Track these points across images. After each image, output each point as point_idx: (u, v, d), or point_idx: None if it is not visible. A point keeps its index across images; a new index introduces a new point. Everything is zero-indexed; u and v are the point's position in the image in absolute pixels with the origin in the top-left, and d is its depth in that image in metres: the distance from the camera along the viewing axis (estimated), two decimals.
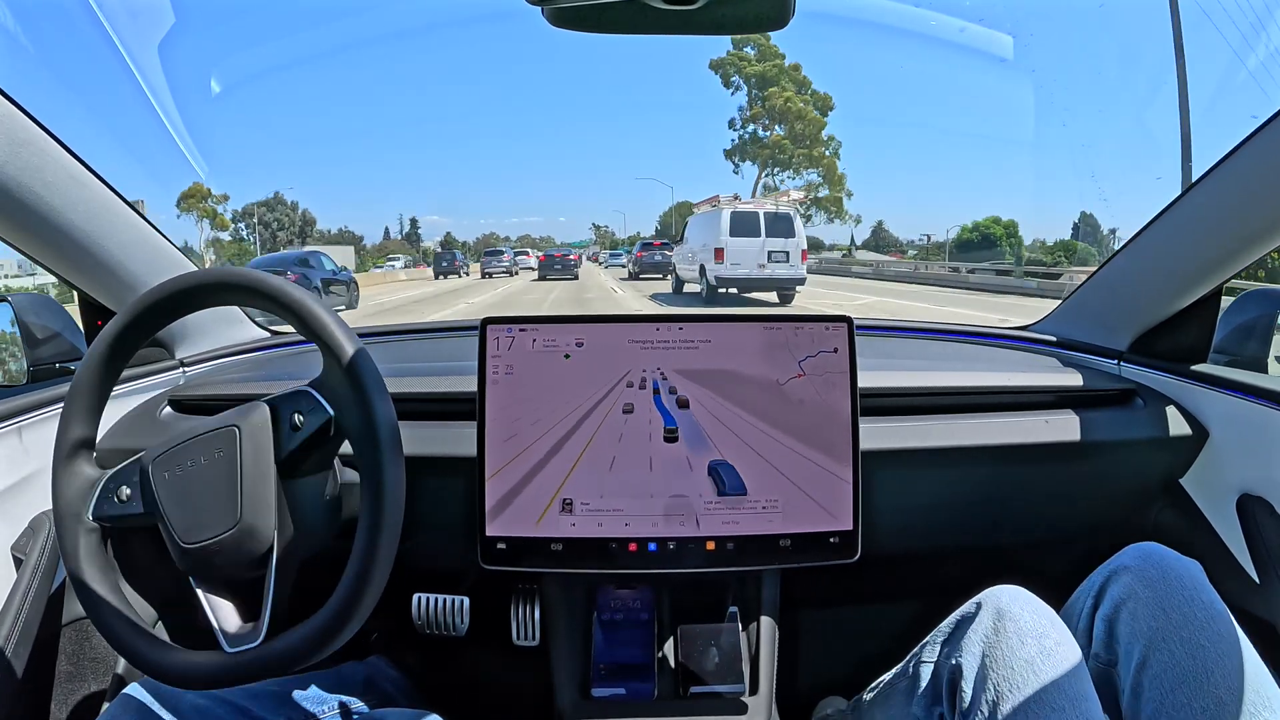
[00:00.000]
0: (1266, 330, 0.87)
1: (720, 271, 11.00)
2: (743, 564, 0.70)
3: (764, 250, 10.86)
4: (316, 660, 0.56)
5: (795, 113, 34.39)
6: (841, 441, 0.70)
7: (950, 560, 1.00)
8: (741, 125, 37.83)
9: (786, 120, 34.74)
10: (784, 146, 35.28)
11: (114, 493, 0.60)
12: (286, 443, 0.59)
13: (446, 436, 0.75)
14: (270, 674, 0.56)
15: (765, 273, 10.90)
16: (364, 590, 0.55)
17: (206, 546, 0.57)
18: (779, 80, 35.02)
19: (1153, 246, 0.87)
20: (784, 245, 10.90)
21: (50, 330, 0.84)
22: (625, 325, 0.71)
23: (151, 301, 0.61)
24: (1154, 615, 0.57)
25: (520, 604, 0.80)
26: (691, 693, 0.71)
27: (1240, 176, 0.72)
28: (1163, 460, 0.86)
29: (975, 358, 1.03)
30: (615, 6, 0.40)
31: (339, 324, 0.59)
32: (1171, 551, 0.62)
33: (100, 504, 0.60)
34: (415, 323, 1.19)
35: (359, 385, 0.57)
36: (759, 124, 36.66)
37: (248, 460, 0.57)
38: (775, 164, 36.63)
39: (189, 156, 27.48)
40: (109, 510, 0.60)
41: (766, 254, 10.86)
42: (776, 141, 35.75)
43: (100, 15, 1.72)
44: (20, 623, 0.69)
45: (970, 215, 44.27)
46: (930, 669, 0.61)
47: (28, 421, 0.75)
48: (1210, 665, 0.54)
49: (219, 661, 0.56)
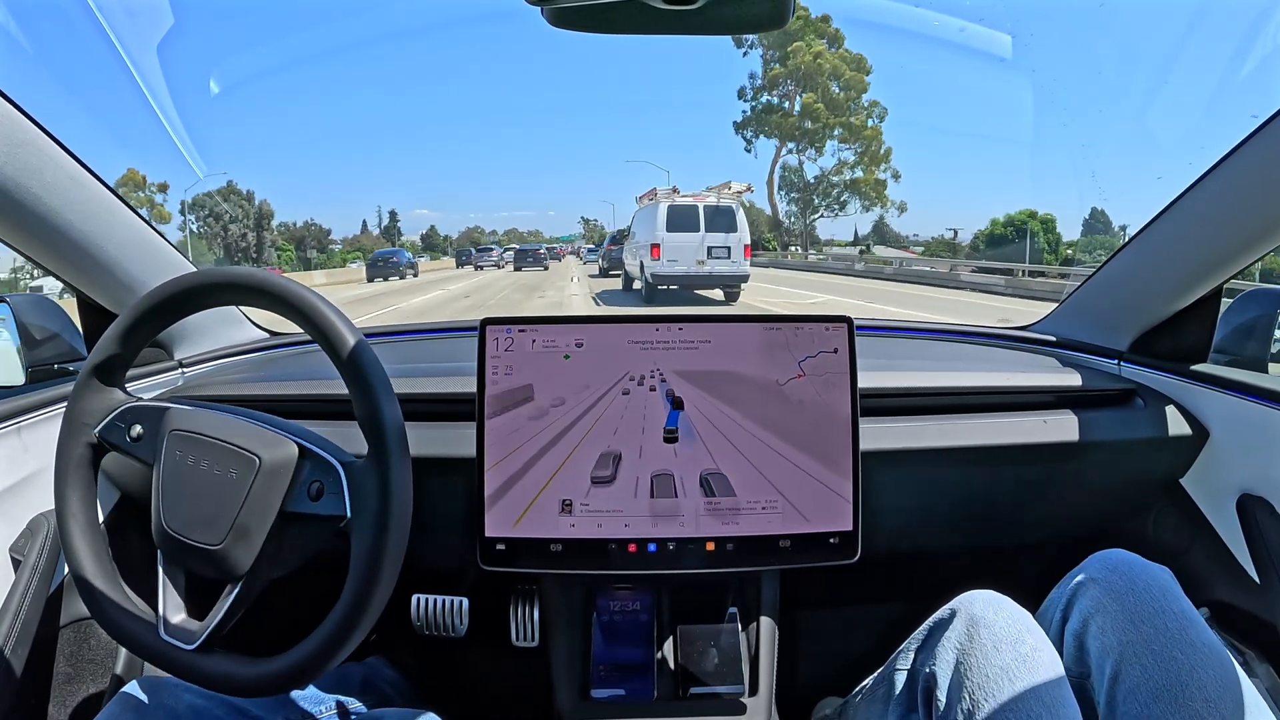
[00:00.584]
0: (1266, 330, 0.87)
1: (656, 269, 10.52)
2: (742, 565, 0.70)
3: (703, 246, 10.36)
4: (334, 666, 0.56)
5: (828, 71, 28.46)
6: (841, 442, 0.70)
7: (950, 560, 1.00)
8: (754, 95, 32.20)
9: (816, 83, 28.93)
10: (817, 113, 29.05)
11: (127, 426, 0.61)
12: (296, 501, 0.58)
13: (446, 437, 0.75)
14: (209, 687, 0.56)
15: (704, 269, 10.40)
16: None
17: (186, 542, 0.57)
18: (804, 35, 28.72)
19: (1152, 246, 0.87)
20: (725, 240, 10.41)
21: (49, 331, 0.84)
22: (625, 326, 0.71)
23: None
24: (1123, 629, 0.56)
25: (519, 605, 0.80)
26: (691, 693, 0.71)
27: (1240, 176, 0.72)
28: (1163, 460, 0.86)
29: (975, 358, 1.03)
30: (615, 6, 0.40)
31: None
32: (1138, 559, 0.60)
33: (109, 428, 0.61)
34: (416, 323, 1.19)
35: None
36: (778, 90, 30.51)
37: (255, 497, 0.56)
38: (803, 136, 30.74)
39: (188, 156, 27.54)
40: (115, 438, 0.61)
41: (706, 250, 10.36)
42: (809, 107, 29.26)
43: (99, 15, 1.72)
44: (19, 623, 0.69)
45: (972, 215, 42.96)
46: (904, 676, 0.60)
47: (27, 422, 0.75)
48: (1185, 677, 0.52)
49: (147, 641, 0.57)
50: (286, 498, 0.57)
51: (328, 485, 0.57)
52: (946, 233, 31.67)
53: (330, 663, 0.55)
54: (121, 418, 0.61)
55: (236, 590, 0.57)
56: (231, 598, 0.57)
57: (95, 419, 0.61)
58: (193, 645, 0.56)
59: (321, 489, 0.57)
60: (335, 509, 0.57)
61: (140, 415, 0.61)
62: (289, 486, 0.57)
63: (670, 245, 10.37)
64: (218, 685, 0.56)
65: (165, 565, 0.59)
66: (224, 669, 0.56)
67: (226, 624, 0.57)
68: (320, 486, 0.57)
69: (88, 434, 0.61)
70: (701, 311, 0.75)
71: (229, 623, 0.57)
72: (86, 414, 0.61)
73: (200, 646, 0.56)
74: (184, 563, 0.59)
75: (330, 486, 0.57)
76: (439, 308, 12.30)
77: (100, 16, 1.69)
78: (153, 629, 0.58)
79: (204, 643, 0.56)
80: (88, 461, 0.61)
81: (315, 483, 0.58)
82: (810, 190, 33.59)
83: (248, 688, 0.56)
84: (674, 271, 10.47)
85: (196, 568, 0.58)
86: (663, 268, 10.48)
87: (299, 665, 0.55)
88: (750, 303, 10.84)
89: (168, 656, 0.57)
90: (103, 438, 0.61)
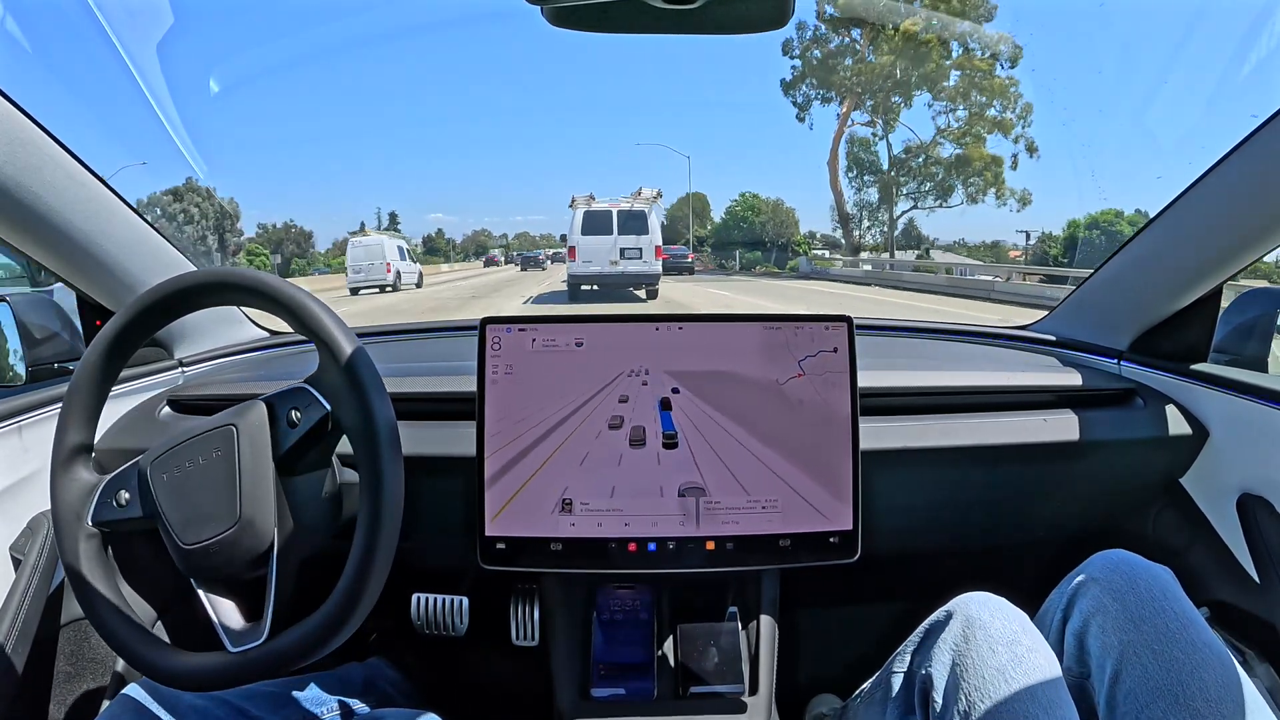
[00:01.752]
0: (1266, 329, 0.87)
1: (573, 269, 11.64)
2: (742, 564, 0.70)
3: (616, 247, 11.46)
4: (315, 659, 0.56)
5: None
6: (841, 441, 0.70)
7: (950, 559, 1.00)
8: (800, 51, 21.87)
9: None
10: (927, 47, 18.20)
11: (113, 497, 0.60)
12: (284, 440, 0.59)
13: (446, 436, 0.75)
14: (271, 674, 0.56)
15: (618, 269, 11.49)
16: (363, 588, 0.55)
17: (207, 546, 0.56)
18: None
19: (1153, 246, 0.87)
20: (636, 242, 11.53)
21: (49, 330, 0.84)
22: (625, 325, 0.71)
23: (150, 302, 0.61)
24: (1124, 629, 0.56)
25: (519, 604, 0.80)
26: (691, 693, 0.71)
27: (1240, 176, 0.72)
28: (1163, 460, 0.86)
29: (975, 357, 1.03)
30: (615, 6, 0.40)
31: (337, 322, 0.58)
32: (1139, 558, 0.60)
33: (100, 509, 0.60)
34: (414, 323, 1.19)
35: (357, 384, 0.57)
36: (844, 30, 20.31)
37: (245, 458, 0.57)
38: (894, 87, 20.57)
39: (188, 157, 27.50)
40: (108, 515, 0.60)
41: (619, 251, 11.46)
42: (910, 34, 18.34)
43: (99, 15, 1.72)
44: (19, 623, 0.69)
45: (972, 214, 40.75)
46: (901, 679, 0.60)
47: (26, 421, 0.75)
48: (1185, 677, 0.52)
49: (222, 662, 0.56)
50: (274, 445, 0.58)
51: (299, 404, 0.59)
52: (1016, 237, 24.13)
53: (353, 617, 0.55)
54: (105, 494, 0.61)
55: (274, 571, 0.57)
56: (274, 579, 0.57)
57: (83, 507, 0.60)
58: (261, 639, 0.56)
59: (298, 412, 0.59)
60: (316, 413, 0.58)
61: (119, 481, 0.61)
62: (271, 434, 0.59)
63: (585, 247, 11.57)
64: (295, 657, 0.55)
65: (200, 585, 0.59)
66: (294, 639, 0.55)
67: (282, 609, 0.57)
68: (295, 411, 0.59)
69: (85, 528, 0.60)
70: (709, 312, 0.75)
71: (284, 606, 0.57)
72: (74, 504, 0.60)
73: (269, 636, 0.56)
74: (218, 574, 0.59)
75: (302, 403, 0.59)
76: None
77: (100, 16, 1.69)
78: (221, 653, 0.57)
79: (270, 629, 0.56)
80: (96, 552, 0.60)
81: (290, 412, 0.59)
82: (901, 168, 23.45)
83: (308, 653, 0.55)
84: (589, 271, 11.64)
85: (229, 568, 0.58)
86: (579, 268, 11.65)
87: (325, 624, 0.55)
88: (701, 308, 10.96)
89: (245, 663, 0.56)
90: (98, 525, 0.60)
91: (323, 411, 0.58)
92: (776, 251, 30.06)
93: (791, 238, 31.04)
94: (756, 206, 32.23)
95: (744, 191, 36.15)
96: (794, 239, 31.04)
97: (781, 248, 30.45)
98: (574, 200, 12.23)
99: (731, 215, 32.70)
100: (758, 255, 30.12)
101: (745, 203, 32.60)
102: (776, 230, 31.14)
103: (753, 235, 31.29)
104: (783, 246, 30.48)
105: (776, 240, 30.86)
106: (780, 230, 31.20)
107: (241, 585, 0.60)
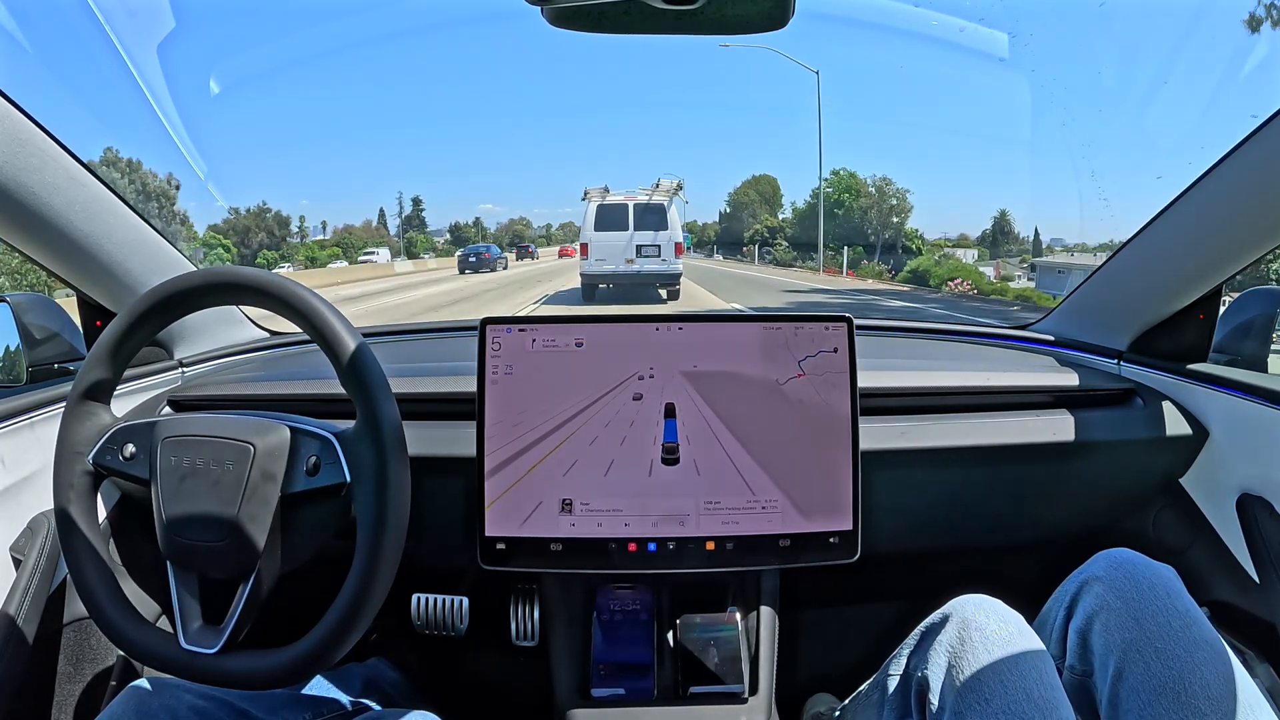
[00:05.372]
0: (1266, 329, 0.87)
1: (585, 267, 10.45)
2: (742, 564, 0.70)
3: (631, 245, 10.20)
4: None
5: None
6: (841, 441, 0.70)
7: (950, 559, 1.00)
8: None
9: None
10: None
11: (120, 447, 0.60)
12: (295, 481, 0.58)
13: (446, 436, 0.75)
14: (219, 684, 0.57)
15: (634, 268, 10.26)
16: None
17: (192, 545, 0.57)
18: None
19: (1153, 246, 0.87)
20: (654, 239, 10.24)
21: (49, 330, 0.84)
22: (625, 325, 0.71)
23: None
24: (1127, 626, 0.56)
25: (519, 604, 0.80)
26: (691, 692, 0.71)
27: (1240, 176, 0.72)
28: (1162, 460, 0.86)
29: (975, 357, 1.03)
30: (615, 6, 0.40)
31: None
32: (1143, 558, 0.61)
33: (103, 452, 0.60)
34: (415, 323, 1.19)
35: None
36: None
37: (254, 484, 0.57)
38: None
39: (188, 157, 27.50)
40: (110, 462, 0.60)
41: (635, 248, 10.21)
42: None
43: (100, 16, 1.73)
44: (20, 623, 0.69)
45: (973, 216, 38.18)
46: (897, 681, 0.61)
47: (27, 421, 0.75)
48: (1187, 676, 0.52)
49: (169, 653, 0.57)
50: (285, 480, 0.58)
51: (324, 458, 0.58)
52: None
53: (346, 641, 0.55)
54: (113, 440, 0.61)
55: (249, 588, 0.57)
56: (245, 596, 0.57)
57: (88, 445, 0.61)
58: (214, 649, 0.56)
59: (318, 463, 0.58)
60: (335, 477, 0.57)
61: (131, 434, 0.61)
62: (286, 468, 0.58)
63: (598, 244, 10.31)
64: (241, 683, 0.56)
65: (177, 574, 0.59)
66: (246, 666, 0.56)
67: (244, 624, 0.57)
68: (316, 460, 0.58)
69: (82, 462, 0.60)
70: (709, 312, 0.75)
71: (246, 622, 0.57)
72: (79, 442, 0.60)
73: (221, 649, 0.56)
74: (195, 568, 0.59)
75: (326, 458, 0.58)
76: None
77: (101, 17, 1.69)
78: (172, 641, 0.57)
79: (224, 645, 0.56)
80: (86, 490, 0.61)
81: (311, 457, 0.58)
82: None
83: (274, 679, 0.56)
84: (603, 270, 10.40)
85: (207, 570, 0.58)
86: (591, 266, 10.43)
87: (317, 647, 0.55)
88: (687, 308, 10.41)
89: (191, 665, 0.56)
90: (97, 464, 0.61)
91: (341, 480, 0.57)
92: (881, 250, 21.90)
93: (901, 229, 22.61)
94: (855, 188, 23.46)
95: (837, 169, 25.13)
96: (905, 233, 22.49)
97: (888, 246, 22.00)
98: (587, 192, 11.04)
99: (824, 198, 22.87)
100: (860, 251, 21.60)
101: (840, 182, 23.69)
102: (881, 220, 22.86)
103: (849, 226, 22.92)
104: (888, 245, 21.94)
105: (882, 232, 22.68)
106: (884, 220, 22.79)
107: (213, 585, 0.60)
